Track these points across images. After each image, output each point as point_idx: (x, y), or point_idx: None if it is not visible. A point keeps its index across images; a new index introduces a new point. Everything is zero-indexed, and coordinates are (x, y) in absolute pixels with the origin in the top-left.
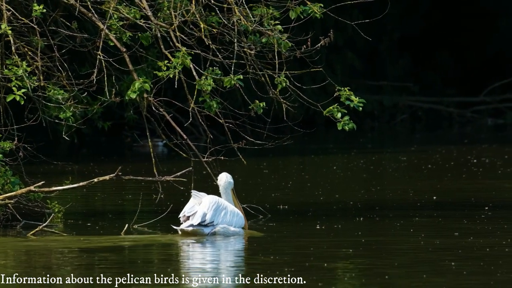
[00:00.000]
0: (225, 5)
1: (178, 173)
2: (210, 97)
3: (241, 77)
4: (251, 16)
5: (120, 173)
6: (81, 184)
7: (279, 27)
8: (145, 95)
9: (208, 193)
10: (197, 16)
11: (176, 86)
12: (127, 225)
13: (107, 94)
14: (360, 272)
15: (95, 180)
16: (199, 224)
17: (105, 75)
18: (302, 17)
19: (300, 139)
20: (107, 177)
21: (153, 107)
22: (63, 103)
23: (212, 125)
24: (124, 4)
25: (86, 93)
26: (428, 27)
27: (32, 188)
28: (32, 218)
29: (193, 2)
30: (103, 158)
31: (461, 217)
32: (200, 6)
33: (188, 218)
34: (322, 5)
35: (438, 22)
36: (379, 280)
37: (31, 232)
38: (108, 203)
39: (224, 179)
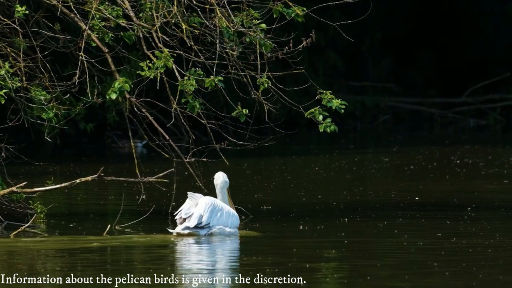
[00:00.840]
0: (207, 6)
1: (161, 174)
2: (193, 98)
3: (222, 78)
4: (232, 17)
5: (102, 174)
6: (63, 184)
7: (263, 25)
8: (127, 96)
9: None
10: (179, 17)
11: (158, 87)
12: (109, 225)
13: (89, 95)
14: (343, 273)
15: (77, 181)
16: (196, 227)
17: (88, 76)
18: (287, 17)
19: (282, 140)
20: (89, 178)
21: (135, 108)
22: (45, 104)
23: (194, 126)
24: (106, 4)
25: (68, 94)
26: (410, 28)
27: (14, 188)
28: (14, 219)
29: (175, 3)
30: (84, 159)
31: (444, 218)
32: (182, 7)
33: (184, 220)
34: (305, 9)
35: (420, 23)
36: (361, 281)
37: (14, 233)
38: (90, 204)
39: (221, 178)
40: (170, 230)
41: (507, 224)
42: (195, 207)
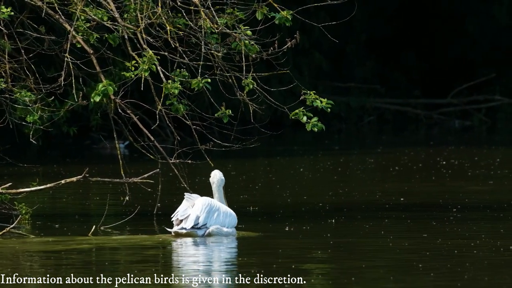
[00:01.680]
0: (192, 7)
1: (145, 175)
2: (178, 100)
3: (209, 80)
4: (217, 19)
5: (87, 175)
6: (48, 185)
7: (249, 32)
8: (112, 97)
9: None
10: (163, 18)
11: (142, 89)
12: (94, 226)
13: (75, 96)
14: (328, 274)
15: (63, 181)
16: (192, 227)
17: (73, 78)
18: (276, 22)
19: (267, 140)
20: (74, 179)
21: (119, 109)
22: (30, 105)
23: (179, 127)
24: (91, 6)
25: (53, 96)
26: (395, 29)
27: None
28: None
29: (160, 4)
30: (68, 160)
31: (430, 219)
32: (167, 8)
33: (181, 221)
34: (292, 12)
35: (405, 24)
36: (346, 281)
37: None
38: (75, 205)
39: (217, 176)
40: (168, 230)
41: (492, 225)
42: (191, 208)
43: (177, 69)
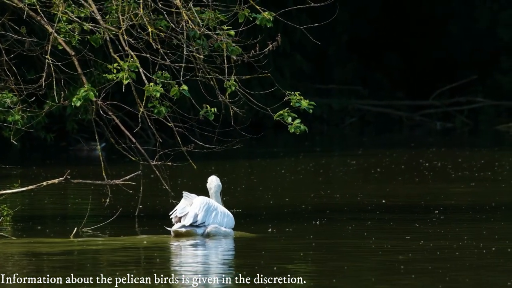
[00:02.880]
0: (174, 9)
1: (127, 177)
2: (160, 102)
3: (186, 88)
4: (199, 20)
5: (69, 177)
6: (30, 187)
7: (232, 32)
8: (94, 99)
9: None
10: (145, 20)
11: (124, 91)
12: (76, 228)
13: (56, 98)
14: (310, 275)
15: (44, 183)
16: (191, 225)
17: (53, 79)
18: (258, 22)
19: (248, 143)
20: (56, 181)
21: (100, 111)
22: (12, 106)
23: (161, 129)
24: (73, 6)
25: (34, 97)
26: (377, 31)
27: None
28: None
29: (141, 5)
30: (48, 162)
31: (412, 221)
32: (149, 10)
33: (180, 219)
34: (273, 13)
35: (387, 26)
36: (327, 283)
37: None
38: (56, 207)
39: (214, 182)
40: (168, 229)
41: (474, 226)
42: (190, 207)
43: (158, 71)
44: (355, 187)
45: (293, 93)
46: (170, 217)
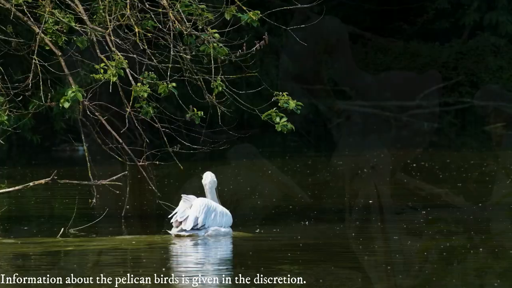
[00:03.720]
0: (160, 10)
1: (114, 177)
2: (147, 103)
3: (175, 84)
4: (186, 21)
5: (56, 177)
6: (17, 187)
7: (217, 35)
8: (81, 99)
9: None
10: (132, 20)
11: (110, 91)
12: (62, 228)
13: (42, 98)
14: (297, 276)
15: (31, 184)
16: (192, 229)
17: (40, 79)
18: (243, 23)
19: (235, 143)
20: (42, 181)
21: (87, 111)
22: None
23: (147, 129)
24: (60, 8)
25: (21, 96)
26: (366, 31)
27: None
28: None
29: (128, 6)
30: (34, 163)
31: (400, 221)
32: (135, 10)
33: (180, 223)
34: (259, 12)
35: (374, 27)
36: (314, 283)
37: None
38: (43, 207)
39: (209, 178)
40: (169, 232)
41: (462, 227)
42: (189, 209)
43: (145, 72)
44: (342, 188)
45: (281, 93)
46: (171, 221)
